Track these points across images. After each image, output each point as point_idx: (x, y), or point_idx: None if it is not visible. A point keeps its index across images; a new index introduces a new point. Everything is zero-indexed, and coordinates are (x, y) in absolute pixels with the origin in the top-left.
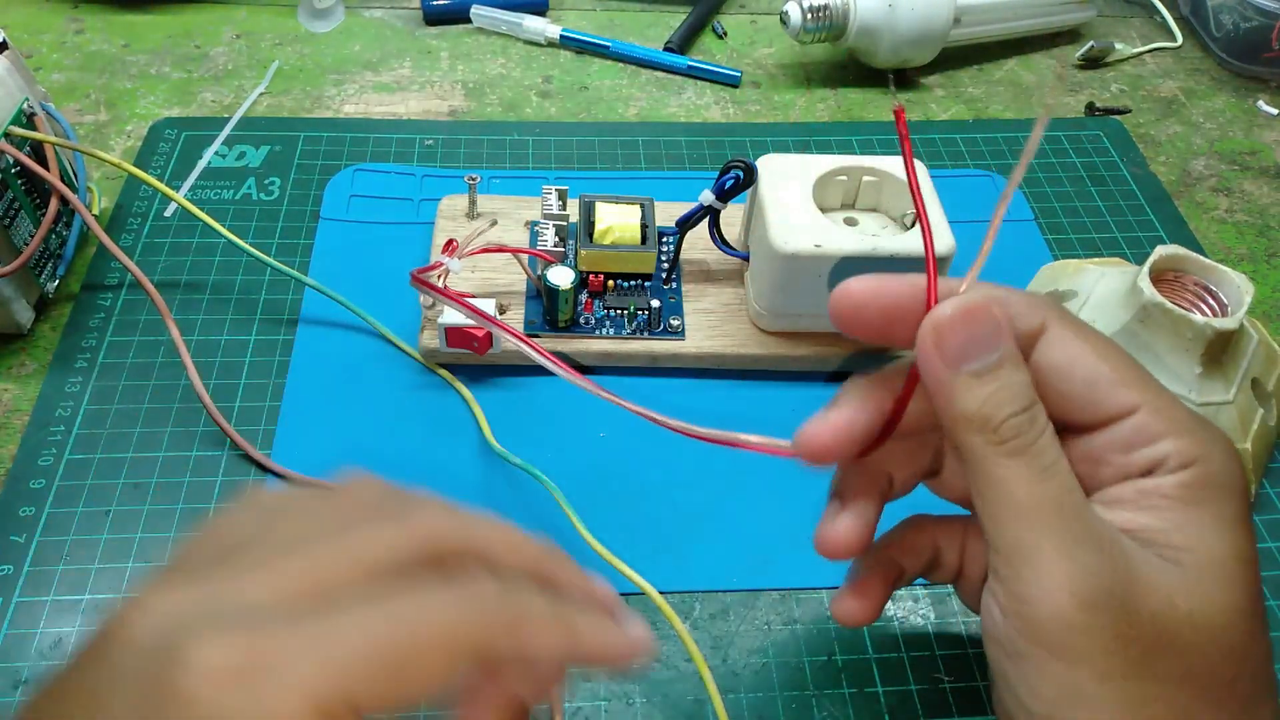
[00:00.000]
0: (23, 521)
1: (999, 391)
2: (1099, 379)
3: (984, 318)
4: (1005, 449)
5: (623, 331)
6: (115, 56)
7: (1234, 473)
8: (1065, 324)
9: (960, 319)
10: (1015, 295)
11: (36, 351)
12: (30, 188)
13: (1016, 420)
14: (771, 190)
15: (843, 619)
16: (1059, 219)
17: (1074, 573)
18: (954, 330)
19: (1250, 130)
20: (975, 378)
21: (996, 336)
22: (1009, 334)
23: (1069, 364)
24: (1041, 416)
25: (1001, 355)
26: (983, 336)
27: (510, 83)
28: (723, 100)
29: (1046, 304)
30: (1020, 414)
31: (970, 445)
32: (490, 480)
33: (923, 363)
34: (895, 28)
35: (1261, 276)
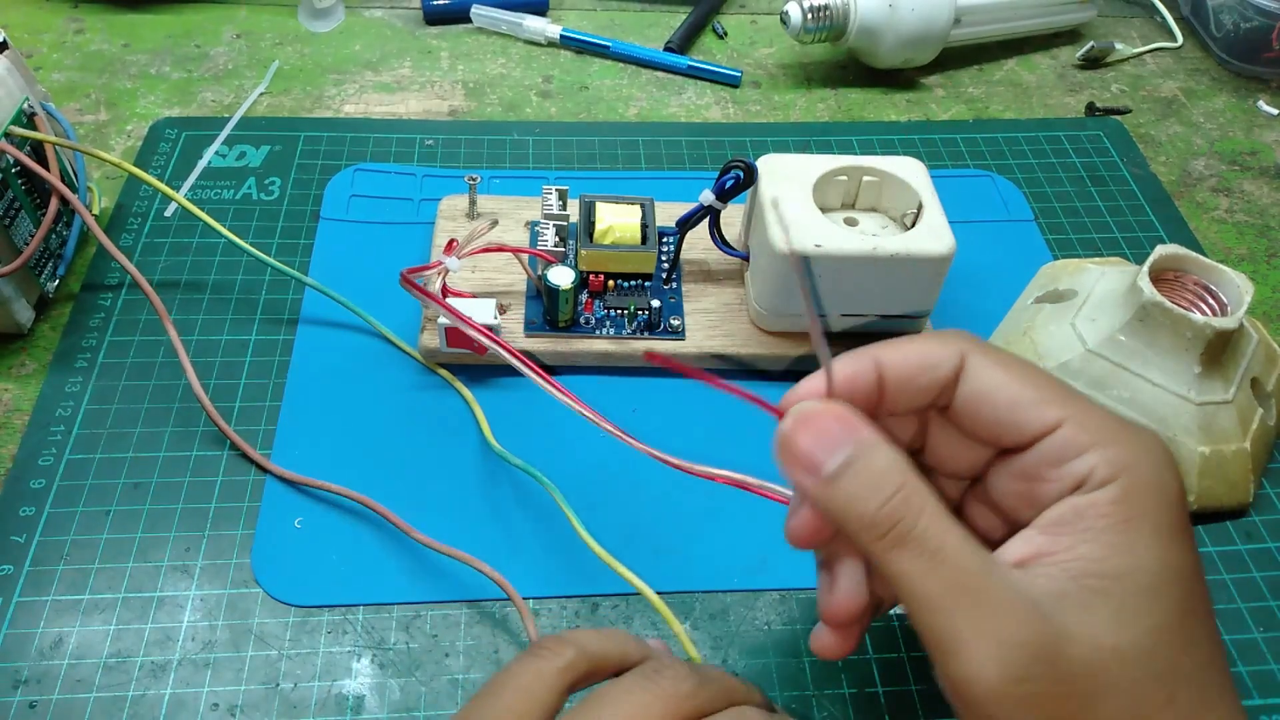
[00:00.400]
0: (23, 521)
1: (862, 486)
2: (1019, 400)
3: (821, 420)
4: (887, 541)
5: (623, 331)
6: (115, 56)
7: (1165, 479)
8: (983, 353)
9: (800, 429)
10: (927, 343)
11: (36, 351)
12: (30, 187)
13: (889, 508)
14: (771, 190)
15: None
16: (1059, 219)
17: (997, 650)
18: (796, 442)
19: (1250, 130)
20: (836, 479)
21: (842, 433)
22: (857, 425)
23: (991, 390)
24: (917, 497)
25: (854, 449)
26: (827, 437)
27: (510, 83)
28: (723, 100)
29: (963, 339)
30: (891, 498)
31: (860, 544)
32: (490, 480)
33: (792, 482)
34: (896, 28)
35: (1261, 276)
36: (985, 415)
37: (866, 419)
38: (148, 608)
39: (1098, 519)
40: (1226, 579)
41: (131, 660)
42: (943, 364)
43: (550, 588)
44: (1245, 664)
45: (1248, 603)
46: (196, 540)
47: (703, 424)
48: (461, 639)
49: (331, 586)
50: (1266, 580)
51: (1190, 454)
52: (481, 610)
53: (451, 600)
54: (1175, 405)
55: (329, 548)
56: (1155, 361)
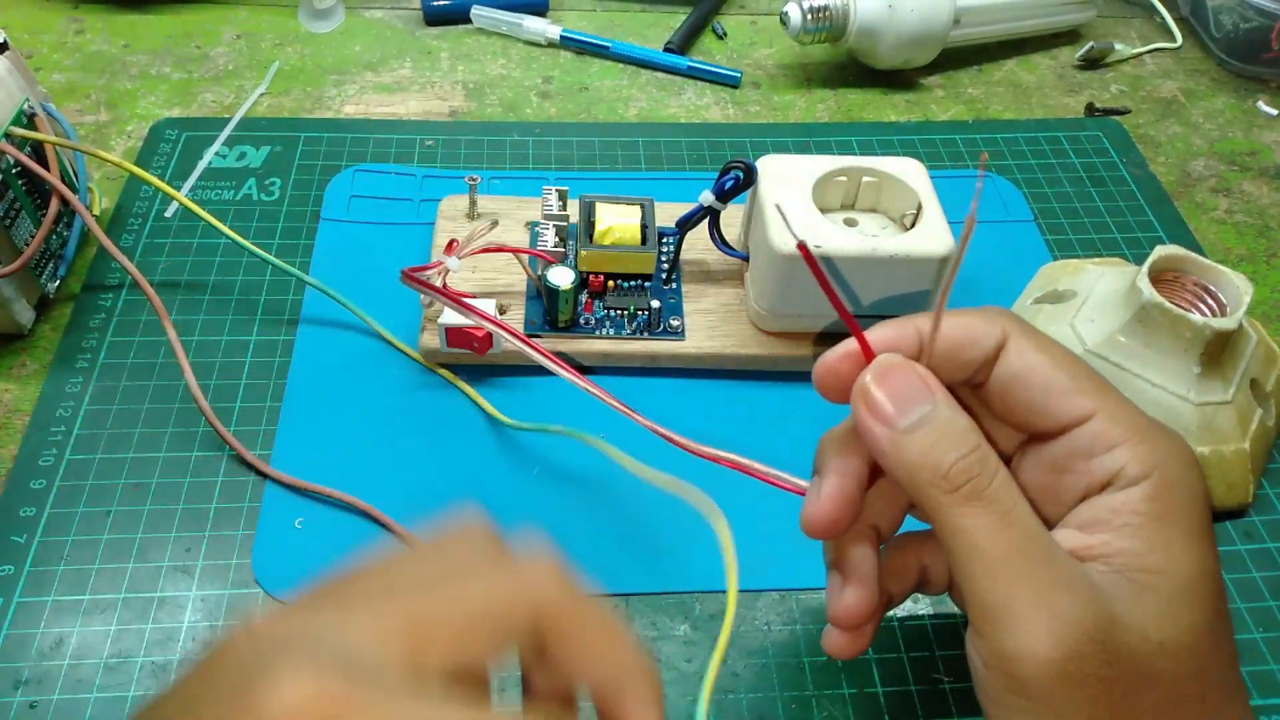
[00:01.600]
0: (23, 522)
1: (940, 440)
2: (1055, 386)
3: (903, 374)
4: (959, 495)
5: (623, 332)
6: (116, 57)
7: (1193, 480)
8: (1025, 335)
9: (880, 380)
10: (973, 317)
11: (37, 352)
12: (31, 188)
13: (965, 463)
14: (771, 191)
15: (836, 654)
16: (1059, 219)
17: (1054, 625)
18: (878, 392)
19: (1250, 131)
20: (914, 431)
21: (923, 390)
22: (936, 385)
23: (1028, 372)
24: (992, 459)
25: (935, 406)
26: (908, 392)
27: (510, 83)
28: (723, 101)
29: (1005, 318)
30: (968, 455)
31: (926, 498)
32: (490, 480)
33: (862, 431)
34: (895, 28)
35: (1261, 277)
36: (1019, 397)
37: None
38: (148, 608)
39: (1133, 516)
40: (1227, 579)
41: (132, 661)
42: (985, 339)
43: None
44: (1245, 664)
45: (1248, 603)
46: (197, 541)
47: (703, 423)
48: None
49: None
50: (1266, 580)
51: None
52: None
53: None
54: (1175, 406)
55: (330, 548)
56: (1155, 362)
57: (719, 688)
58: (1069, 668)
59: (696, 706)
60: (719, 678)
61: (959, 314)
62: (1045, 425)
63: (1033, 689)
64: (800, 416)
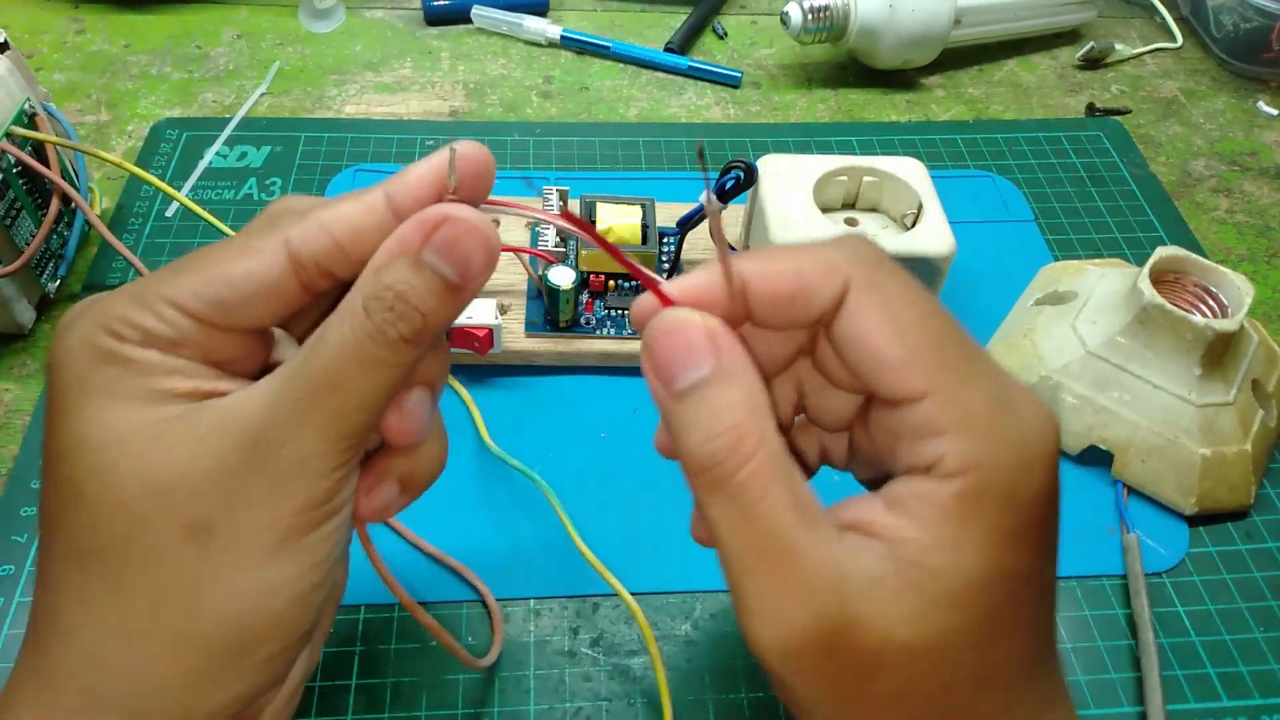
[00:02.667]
0: (24, 521)
1: (698, 416)
2: (888, 358)
3: (685, 330)
4: (703, 480)
5: (624, 332)
6: (116, 57)
7: (1023, 484)
8: (870, 289)
9: (661, 336)
10: (810, 260)
11: (38, 351)
12: (32, 188)
13: (711, 447)
14: (772, 190)
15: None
16: (1059, 219)
17: (773, 624)
18: (656, 348)
19: (1250, 131)
20: (682, 399)
21: (705, 350)
22: (724, 349)
23: (861, 337)
24: (748, 442)
25: (710, 371)
26: (688, 351)
27: (511, 83)
28: (723, 101)
29: (853, 263)
30: (716, 439)
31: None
32: (489, 480)
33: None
34: (896, 28)
35: (1261, 277)
36: (851, 360)
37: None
38: None
39: (935, 509)
40: (1227, 579)
41: None
42: (819, 291)
43: (551, 588)
44: (1245, 664)
45: (1248, 603)
46: None
47: None
48: (463, 639)
49: None
50: (1267, 580)
51: (1191, 456)
52: (482, 610)
53: (453, 600)
54: (1176, 407)
55: None
56: (1156, 363)
57: (721, 686)
58: (788, 661)
59: None
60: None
61: (796, 254)
62: (880, 393)
63: (768, 667)
64: None
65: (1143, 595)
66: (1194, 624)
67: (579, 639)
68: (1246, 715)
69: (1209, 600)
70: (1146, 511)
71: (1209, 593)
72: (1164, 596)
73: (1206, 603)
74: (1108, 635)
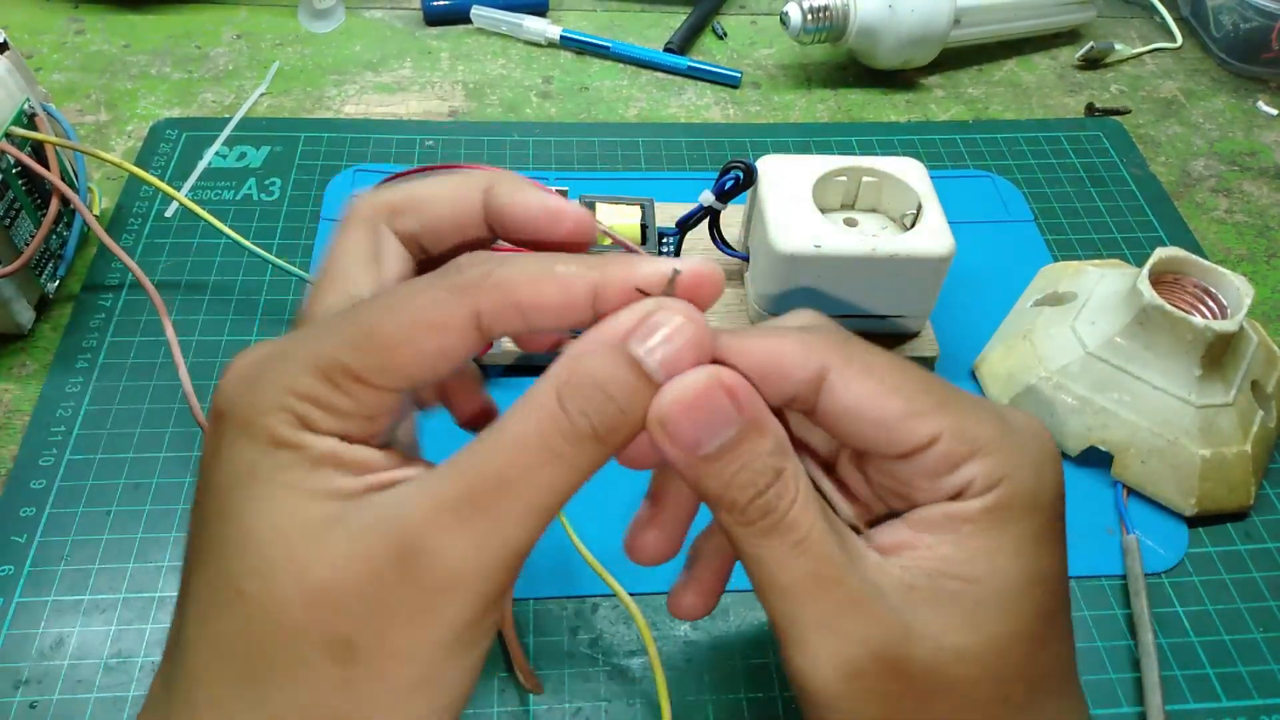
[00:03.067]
0: (23, 522)
1: (739, 474)
2: (890, 415)
3: (708, 402)
4: (755, 529)
5: None
6: (116, 57)
7: (1041, 489)
8: (850, 363)
9: (682, 407)
10: (784, 342)
11: (37, 352)
12: (31, 188)
13: (761, 501)
14: (771, 191)
15: (681, 615)
16: (1059, 220)
17: (835, 646)
18: (678, 420)
19: (1250, 131)
20: (714, 460)
21: (726, 416)
22: (747, 405)
23: (856, 406)
24: (790, 486)
25: (737, 432)
26: (710, 419)
27: (510, 83)
28: (723, 101)
29: (828, 344)
30: (764, 491)
31: (724, 524)
32: None
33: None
34: (895, 29)
35: (1261, 277)
36: (853, 430)
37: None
38: (148, 608)
39: (964, 524)
40: (1227, 579)
41: (132, 661)
42: (796, 371)
43: (550, 588)
44: (1245, 664)
45: (1248, 603)
46: None
47: None
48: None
49: None
50: (1266, 580)
51: (1191, 457)
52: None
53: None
54: (1176, 408)
55: None
56: (1155, 365)
57: (720, 687)
58: (852, 685)
59: None
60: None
61: (767, 337)
62: (887, 452)
63: (818, 704)
64: None
65: (1142, 596)
66: (1193, 624)
67: (578, 639)
68: (1246, 715)
69: (1208, 601)
70: (1146, 512)
71: (1208, 593)
72: (1163, 597)
73: (1206, 603)
74: (1107, 636)
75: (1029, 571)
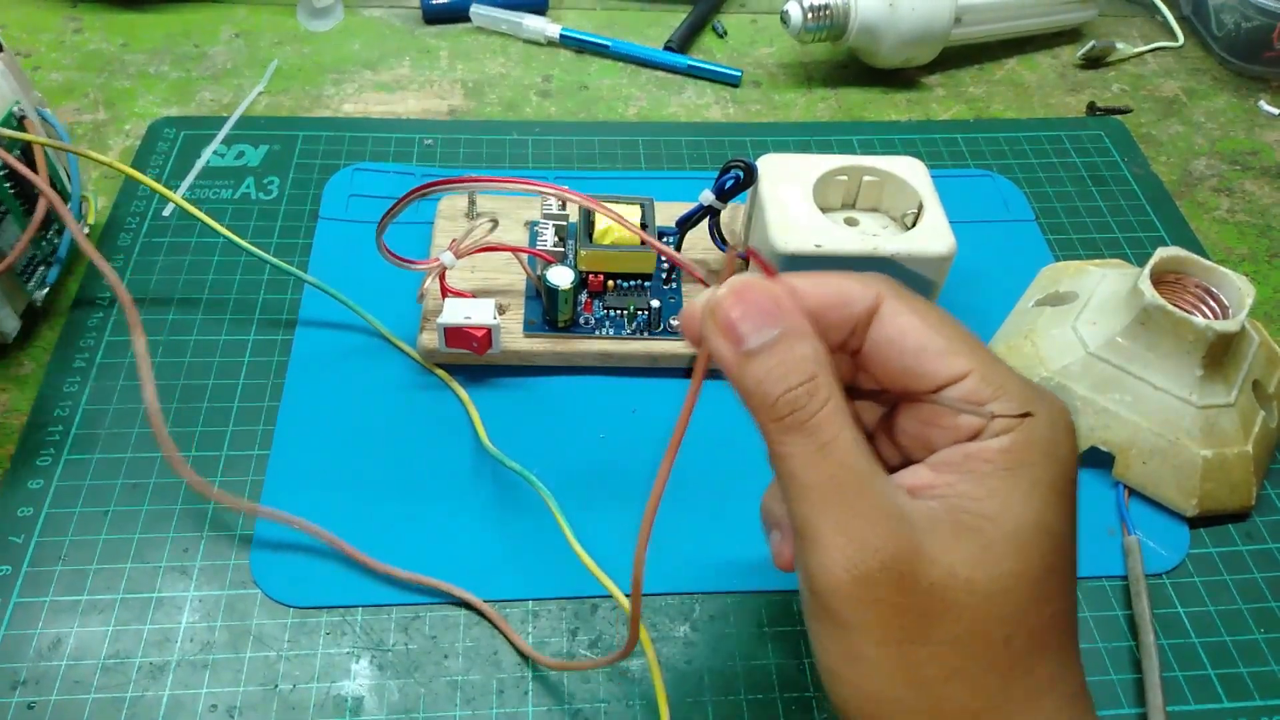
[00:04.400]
0: (21, 522)
1: (776, 367)
2: (930, 347)
3: (758, 294)
4: (782, 425)
5: (623, 332)
6: (114, 56)
7: (1058, 440)
8: (899, 299)
9: (733, 298)
10: (846, 279)
11: (35, 352)
12: (20, 192)
13: (792, 395)
14: (771, 190)
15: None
16: (1060, 219)
17: (849, 549)
18: (729, 307)
19: (1251, 130)
20: (754, 355)
21: (774, 313)
22: (792, 312)
23: (900, 335)
24: (824, 390)
25: (781, 332)
26: (760, 313)
27: (510, 82)
28: (723, 100)
29: (882, 282)
30: (796, 389)
31: (757, 421)
32: (483, 481)
33: (710, 346)
34: (896, 27)
35: (1262, 277)
36: (894, 360)
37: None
38: (146, 609)
39: (983, 463)
40: (1228, 580)
41: (130, 661)
42: (858, 302)
43: (549, 590)
44: (1246, 665)
45: (1248, 603)
46: (195, 541)
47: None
48: (461, 640)
49: (330, 587)
50: (1268, 581)
51: (1193, 457)
52: (481, 611)
53: (451, 602)
54: (1177, 409)
55: (328, 548)
56: (1157, 365)
57: (719, 688)
58: (859, 590)
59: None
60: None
61: (832, 275)
62: (920, 386)
63: (826, 605)
64: None
65: (1143, 596)
66: (1195, 625)
67: (577, 640)
68: (1246, 716)
69: (1210, 602)
70: (1147, 513)
71: (1210, 594)
72: (1164, 598)
73: (1207, 604)
74: (1108, 636)
75: (1039, 519)
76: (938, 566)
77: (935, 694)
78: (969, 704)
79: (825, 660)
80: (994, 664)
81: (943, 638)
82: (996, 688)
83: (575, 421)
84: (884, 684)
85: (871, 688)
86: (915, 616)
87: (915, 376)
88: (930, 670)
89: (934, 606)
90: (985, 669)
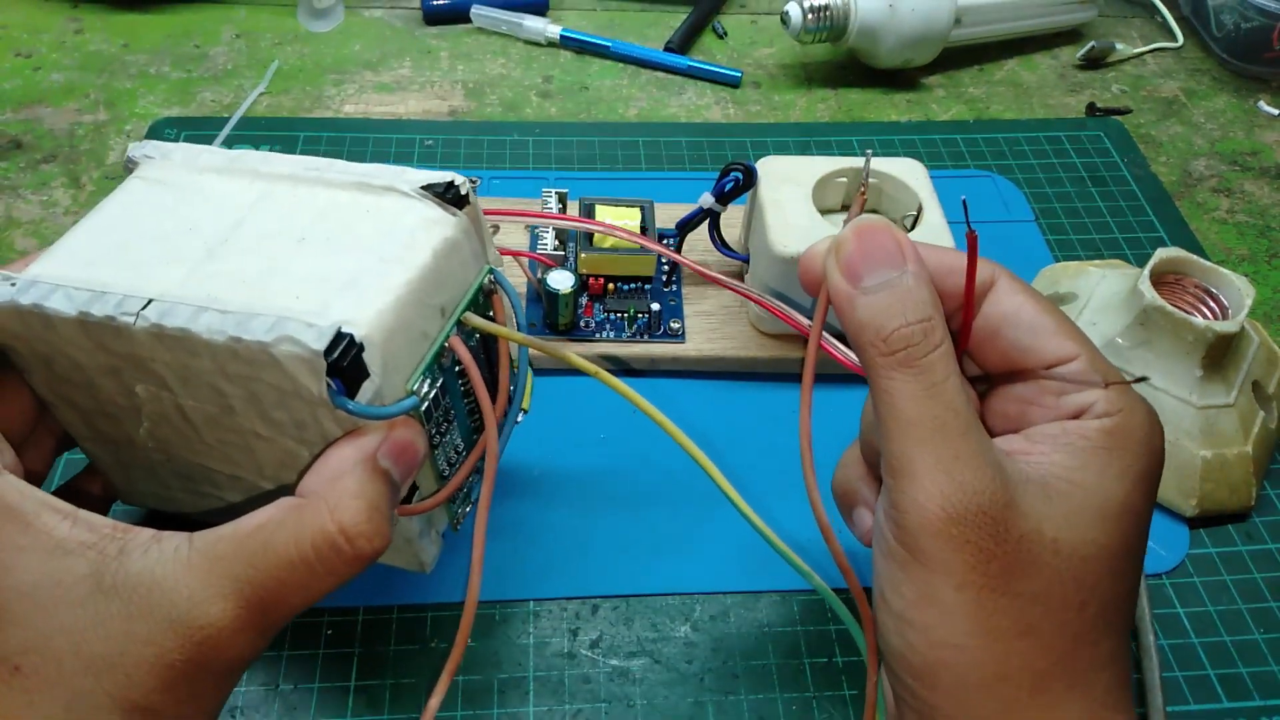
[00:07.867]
0: None
1: (893, 304)
2: (1042, 326)
3: (881, 237)
4: (893, 360)
5: (623, 335)
6: (115, 56)
7: (1153, 434)
8: (1014, 279)
9: (857, 237)
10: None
11: None
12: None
13: (907, 330)
14: (771, 192)
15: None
16: (1060, 220)
17: (947, 487)
18: (851, 246)
19: (1251, 130)
20: (873, 293)
21: (896, 255)
22: (914, 258)
23: (1016, 311)
24: (937, 333)
25: (902, 273)
26: (881, 254)
27: (510, 83)
28: (723, 100)
29: (994, 262)
30: (911, 325)
31: (865, 357)
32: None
33: (828, 281)
34: (896, 28)
35: (1262, 277)
36: (1006, 335)
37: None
38: None
39: (1081, 439)
40: (1228, 580)
41: None
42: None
43: (550, 589)
44: (1246, 666)
45: (1248, 603)
46: None
47: (704, 425)
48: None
49: None
50: (1267, 582)
51: (1192, 458)
52: (482, 612)
53: (453, 602)
54: (1177, 409)
55: None
56: (1157, 365)
57: (719, 689)
58: (952, 529)
59: None
60: (719, 680)
61: (951, 250)
62: (1029, 362)
63: (914, 539)
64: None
65: (1143, 597)
66: (1194, 626)
67: (578, 640)
68: (1246, 717)
69: (1209, 602)
70: None
71: (1209, 594)
72: (1164, 598)
73: (1207, 604)
74: None
75: (1128, 498)
76: (1028, 520)
77: (1004, 647)
78: (1035, 663)
79: (897, 604)
80: (1066, 627)
81: (1022, 591)
82: (1065, 651)
83: (575, 423)
84: (955, 630)
85: (941, 633)
86: (1000, 565)
87: (1028, 352)
88: (1004, 621)
89: (1019, 559)
90: (1058, 630)
